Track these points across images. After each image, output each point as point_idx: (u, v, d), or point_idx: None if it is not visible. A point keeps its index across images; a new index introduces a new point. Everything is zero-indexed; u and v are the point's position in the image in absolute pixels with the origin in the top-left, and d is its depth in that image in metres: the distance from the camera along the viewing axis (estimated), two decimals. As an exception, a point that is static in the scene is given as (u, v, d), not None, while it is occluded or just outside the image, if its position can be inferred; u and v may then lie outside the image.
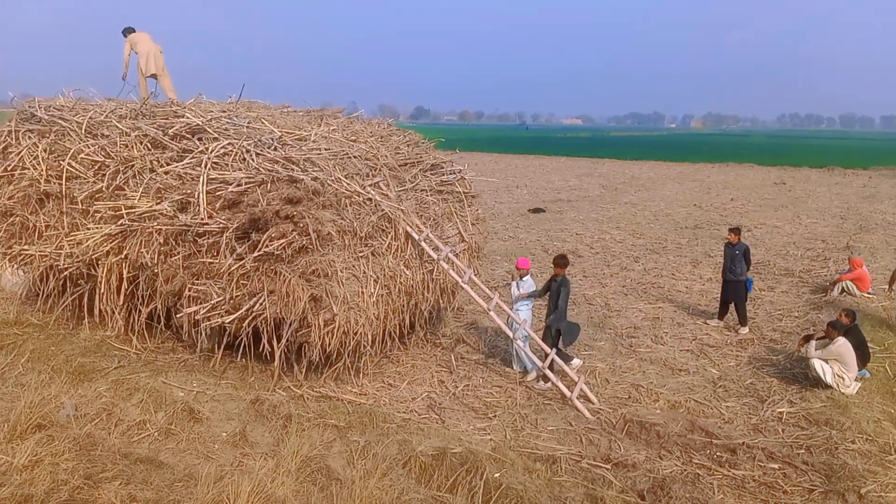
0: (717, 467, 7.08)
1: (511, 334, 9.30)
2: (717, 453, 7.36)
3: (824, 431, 7.84)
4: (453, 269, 9.53)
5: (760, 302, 13.31)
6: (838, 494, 6.57)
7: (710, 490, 6.63)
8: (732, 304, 11.77)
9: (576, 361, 9.58)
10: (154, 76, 13.36)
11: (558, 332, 9.17)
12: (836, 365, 8.98)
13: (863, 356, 9.38)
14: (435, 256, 9.33)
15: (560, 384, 8.67)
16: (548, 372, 8.84)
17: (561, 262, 9.40)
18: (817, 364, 9.01)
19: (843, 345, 9.05)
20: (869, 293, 13.49)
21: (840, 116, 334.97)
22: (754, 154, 60.83)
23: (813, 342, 9.45)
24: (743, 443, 7.54)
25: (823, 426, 7.97)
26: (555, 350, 9.01)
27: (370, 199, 8.95)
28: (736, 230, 11.93)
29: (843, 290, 13.49)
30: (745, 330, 11.48)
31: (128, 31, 13.36)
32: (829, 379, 8.90)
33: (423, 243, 9.29)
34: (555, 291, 9.21)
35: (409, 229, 9.26)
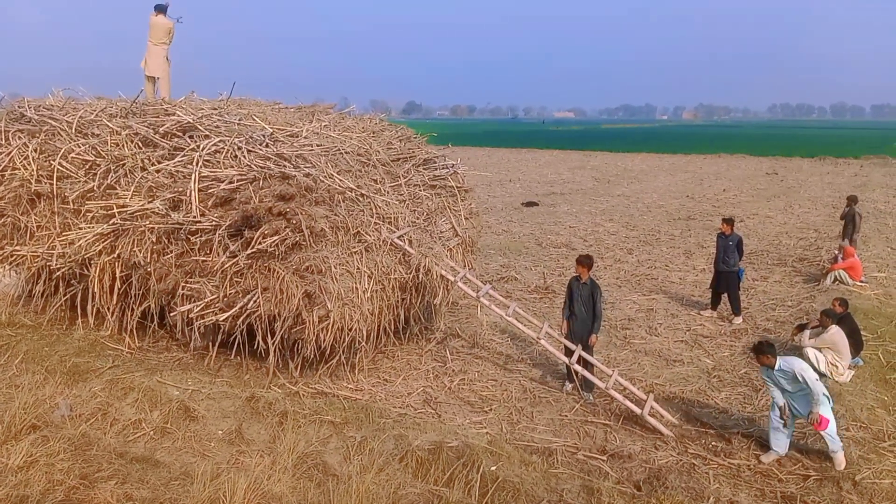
0: (713, 457, 7.12)
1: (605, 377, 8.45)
2: (713, 443, 7.40)
3: (818, 419, 7.88)
4: (496, 305, 9.31)
5: (754, 292, 13.36)
6: (833, 482, 6.62)
7: (705, 479, 6.66)
8: (725, 295, 11.83)
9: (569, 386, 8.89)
10: (156, 78, 12.43)
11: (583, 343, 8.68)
12: (829, 353, 9.04)
13: (856, 344, 9.44)
14: (474, 295, 9.26)
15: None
16: (584, 372, 8.53)
17: (586, 262, 8.70)
18: (811, 353, 9.07)
19: (836, 333, 9.11)
20: (861, 282, 13.55)
21: (831, 106, 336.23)
22: (746, 144, 61.02)
23: (806, 331, 9.52)
24: (738, 432, 7.58)
25: (817, 414, 8.01)
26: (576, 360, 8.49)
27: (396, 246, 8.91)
28: (729, 221, 11.97)
29: (835, 279, 13.55)
30: (738, 320, 11.53)
31: (158, 10, 12.12)
32: (822, 367, 8.96)
33: (460, 284, 9.25)
34: (587, 297, 8.64)
35: (444, 273, 9.21)
